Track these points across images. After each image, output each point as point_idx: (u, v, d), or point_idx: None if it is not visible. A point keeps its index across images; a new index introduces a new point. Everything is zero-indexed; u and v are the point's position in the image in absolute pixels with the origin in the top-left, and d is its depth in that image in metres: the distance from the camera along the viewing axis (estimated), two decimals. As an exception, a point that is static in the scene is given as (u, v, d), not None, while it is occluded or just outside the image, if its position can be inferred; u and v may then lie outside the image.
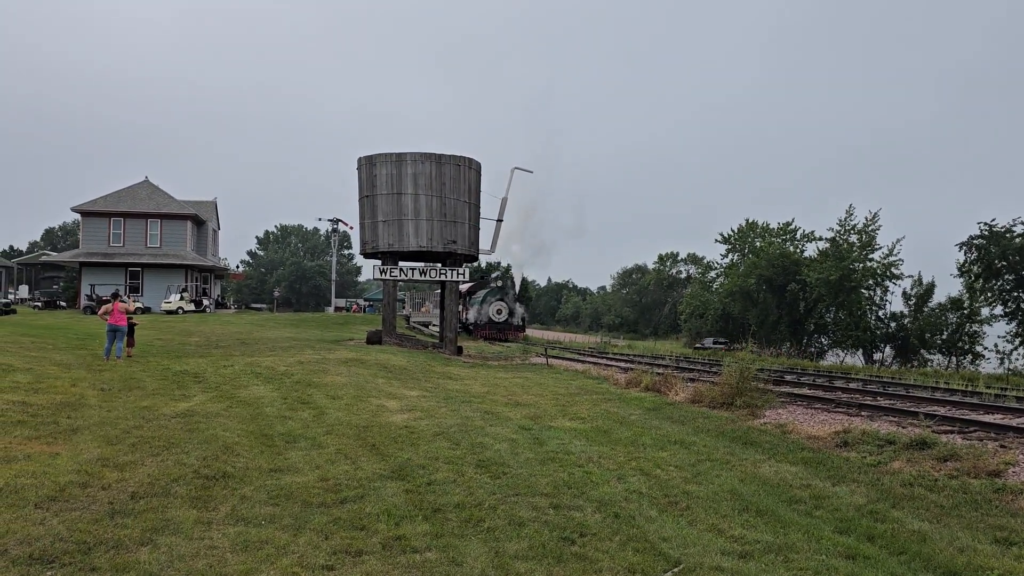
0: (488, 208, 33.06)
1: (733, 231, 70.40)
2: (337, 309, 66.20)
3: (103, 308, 19.10)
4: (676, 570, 6.01)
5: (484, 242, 32.93)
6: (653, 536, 6.76)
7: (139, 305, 41.86)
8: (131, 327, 19.84)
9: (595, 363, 27.46)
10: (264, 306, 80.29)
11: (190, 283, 50.53)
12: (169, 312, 44.35)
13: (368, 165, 30.01)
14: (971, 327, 42.54)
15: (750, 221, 69.58)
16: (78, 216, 52.36)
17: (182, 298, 46.41)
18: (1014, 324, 38.21)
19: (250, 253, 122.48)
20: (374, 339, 29.16)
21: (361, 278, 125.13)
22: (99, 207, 50.35)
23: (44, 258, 65.45)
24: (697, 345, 60.72)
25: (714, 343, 59.04)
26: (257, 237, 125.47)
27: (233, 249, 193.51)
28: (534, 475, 8.90)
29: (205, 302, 50.00)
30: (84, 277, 49.08)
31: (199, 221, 54.43)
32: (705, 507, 7.80)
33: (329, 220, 66.58)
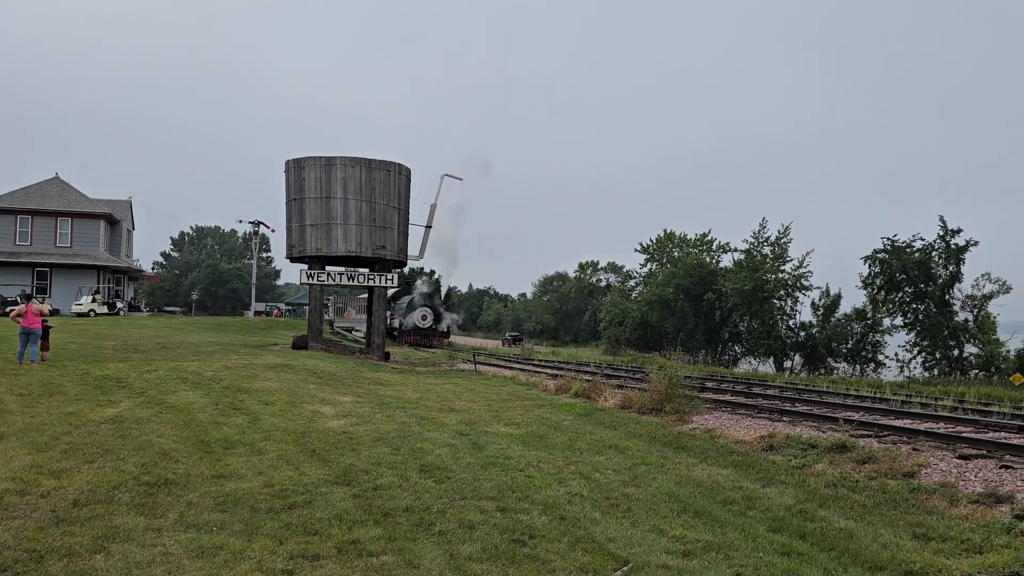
0: (417, 214, 33.05)
1: (652, 241, 72.00)
2: (257, 313, 64.69)
3: (16, 310, 18.29)
4: (625, 568, 6.27)
5: (413, 248, 32.93)
6: (600, 537, 7.01)
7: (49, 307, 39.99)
8: (45, 330, 19.03)
9: (522, 369, 27.77)
10: (178, 309, 77.83)
11: (102, 285, 48.60)
12: (80, 315, 42.49)
13: (296, 168, 29.61)
14: (873, 337, 44.68)
15: (668, 232, 71.29)
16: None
17: (94, 300, 44.54)
18: (912, 334, 40.41)
19: (164, 255, 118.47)
20: (300, 344, 28.74)
21: (280, 282, 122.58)
22: (5, 204, 47.85)
23: (-61, 256, 61.68)
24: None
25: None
26: (171, 238, 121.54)
27: (146, 251, 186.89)
28: (478, 479, 9.05)
29: (119, 305, 48.18)
30: (-14, 277, 46.60)
31: (112, 221, 52.41)
32: (645, 509, 8.11)
33: (250, 222, 64.93)
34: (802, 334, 48.20)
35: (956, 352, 38.22)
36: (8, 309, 31.65)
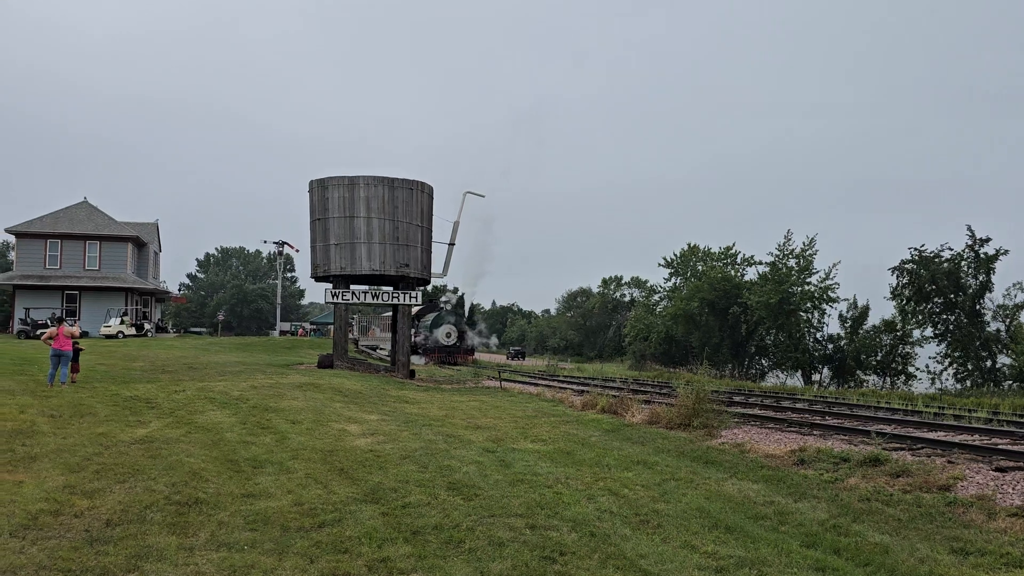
0: (440, 232, 33.21)
1: (676, 255, 71.40)
2: (282, 333, 65.21)
3: (47, 332, 18.57)
4: (658, 585, 6.20)
5: (436, 266, 33.05)
6: (631, 553, 6.94)
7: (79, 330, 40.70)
8: (76, 352, 19.32)
9: (548, 386, 27.70)
10: (204, 330, 78.61)
11: (130, 307, 49.26)
12: (109, 336, 43.15)
13: (320, 188, 29.89)
14: (903, 348, 44.10)
15: (692, 245, 70.73)
16: (10, 237, 50.70)
17: (122, 322, 45.21)
18: (943, 345, 39.83)
19: (190, 276, 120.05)
20: (326, 363, 28.90)
21: (304, 301, 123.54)
22: (35, 228, 48.81)
23: (-28, 281, 62.86)
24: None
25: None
26: (197, 259, 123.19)
27: (172, 272, 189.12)
28: (506, 496, 9.01)
29: (146, 326, 48.79)
30: (18, 300, 47.45)
31: (140, 243, 53.20)
32: (676, 524, 8.02)
33: (275, 243, 65.71)
34: (830, 347, 47.68)
35: (988, 363, 37.61)
36: (39, 332, 32.13)
